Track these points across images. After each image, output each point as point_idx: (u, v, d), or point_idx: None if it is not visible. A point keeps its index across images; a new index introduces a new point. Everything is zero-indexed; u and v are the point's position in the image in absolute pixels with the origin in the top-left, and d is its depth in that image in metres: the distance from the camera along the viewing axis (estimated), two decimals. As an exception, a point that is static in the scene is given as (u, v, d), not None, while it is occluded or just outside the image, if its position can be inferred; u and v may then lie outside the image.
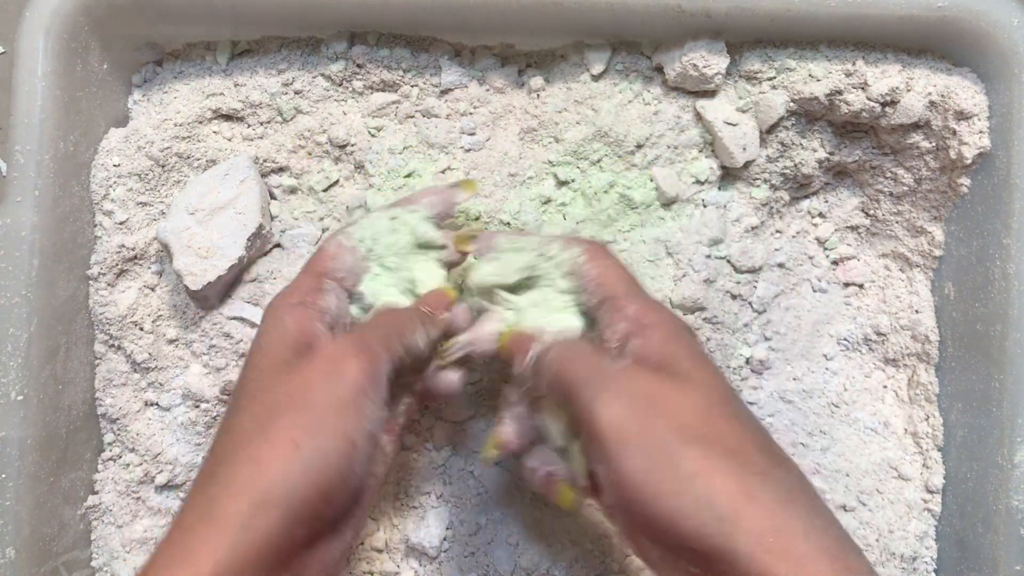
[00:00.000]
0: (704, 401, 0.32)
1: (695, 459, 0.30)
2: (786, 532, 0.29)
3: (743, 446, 0.31)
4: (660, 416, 0.31)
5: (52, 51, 0.43)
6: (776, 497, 0.30)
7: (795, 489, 0.31)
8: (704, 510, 0.29)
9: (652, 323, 0.35)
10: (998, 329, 0.44)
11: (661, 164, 0.49)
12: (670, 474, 0.30)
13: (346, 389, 0.33)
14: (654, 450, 0.30)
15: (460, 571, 0.49)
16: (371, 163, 0.49)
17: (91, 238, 0.47)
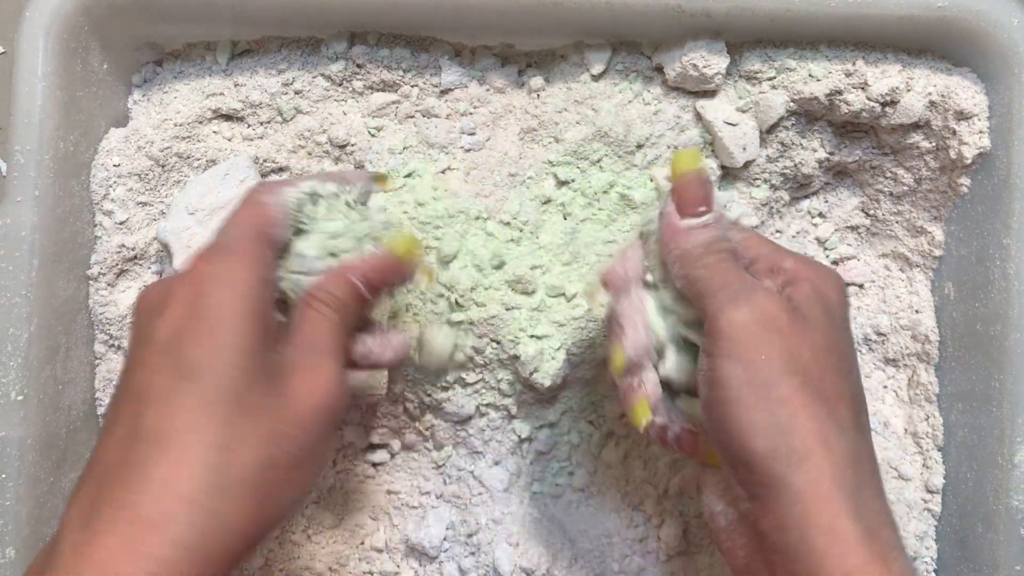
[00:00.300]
0: (822, 345, 0.33)
1: (791, 388, 0.31)
2: (840, 488, 0.30)
3: (837, 398, 0.32)
4: (777, 336, 0.32)
5: (52, 51, 0.43)
6: (846, 454, 0.31)
7: (862, 454, 0.32)
8: (779, 436, 0.30)
9: (805, 278, 0.35)
10: (998, 329, 0.44)
11: (661, 164, 0.49)
12: (763, 391, 0.31)
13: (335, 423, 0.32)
14: (757, 363, 0.31)
15: (460, 571, 0.49)
16: (371, 163, 0.49)
17: (91, 238, 0.47)
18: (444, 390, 0.48)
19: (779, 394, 0.31)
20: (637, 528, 0.50)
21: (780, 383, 0.31)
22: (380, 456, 0.51)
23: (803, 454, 0.30)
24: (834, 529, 0.29)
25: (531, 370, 0.46)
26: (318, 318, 0.34)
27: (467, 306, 0.46)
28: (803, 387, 0.31)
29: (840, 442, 0.31)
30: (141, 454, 0.28)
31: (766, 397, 0.31)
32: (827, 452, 0.30)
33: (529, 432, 0.50)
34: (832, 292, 0.35)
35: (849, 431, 0.32)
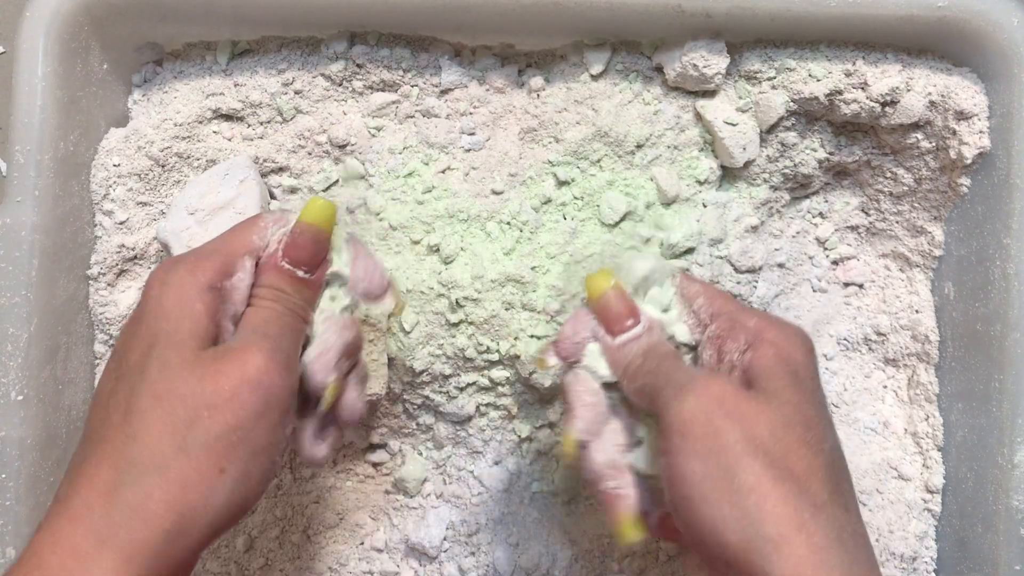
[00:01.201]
0: (781, 420, 0.31)
1: (753, 473, 0.29)
2: (826, 571, 0.28)
3: (809, 474, 0.30)
4: (730, 421, 0.30)
5: (52, 51, 0.43)
6: (826, 534, 0.29)
7: (846, 530, 0.30)
8: (749, 527, 0.29)
9: (770, 339, 0.33)
10: (998, 329, 0.44)
11: (661, 164, 0.49)
12: (724, 483, 0.29)
13: (273, 408, 0.31)
14: (713, 453, 0.30)
15: (460, 571, 0.49)
16: (371, 163, 0.49)
17: (91, 238, 0.47)
18: (444, 393, 0.48)
19: (742, 482, 0.29)
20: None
21: (741, 470, 0.29)
22: (380, 456, 0.51)
23: (778, 541, 0.28)
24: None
25: (531, 370, 0.46)
26: (253, 309, 0.34)
27: (467, 306, 0.46)
28: (767, 469, 0.29)
29: (817, 522, 0.29)
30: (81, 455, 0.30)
31: (728, 488, 0.29)
32: (803, 536, 0.28)
33: (529, 432, 0.50)
34: (798, 353, 0.33)
35: (827, 507, 0.30)
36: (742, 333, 0.34)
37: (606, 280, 0.37)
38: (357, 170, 0.49)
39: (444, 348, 0.47)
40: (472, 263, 0.47)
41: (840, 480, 0.31)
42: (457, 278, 0.46)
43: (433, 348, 0.47)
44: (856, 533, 0.30)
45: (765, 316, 0.35)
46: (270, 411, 0.31)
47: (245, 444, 0.30)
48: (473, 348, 0.47)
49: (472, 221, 0.48)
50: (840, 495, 0.31)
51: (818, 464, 0.31)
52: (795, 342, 0.34)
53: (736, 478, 0.29)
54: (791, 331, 0.34)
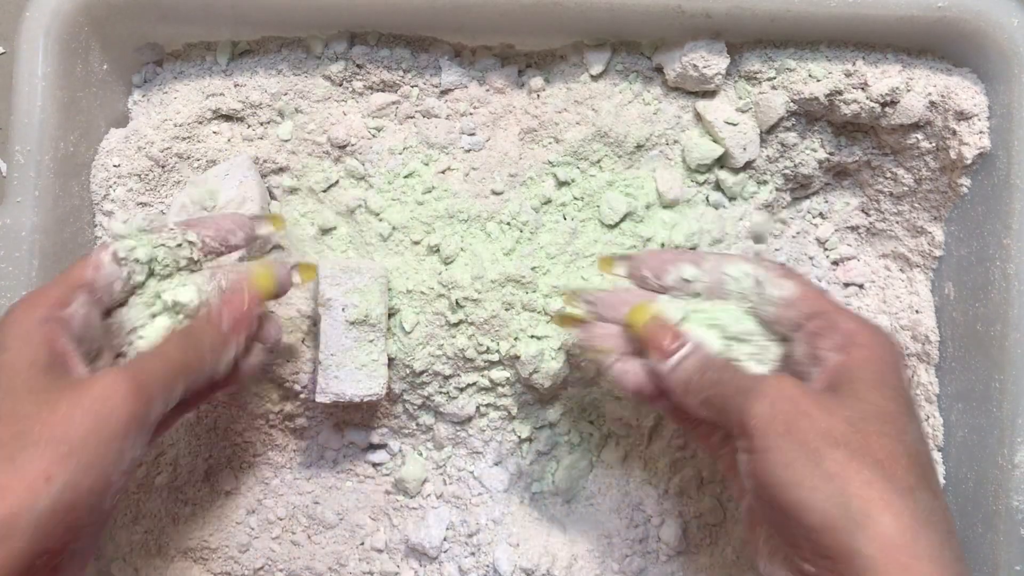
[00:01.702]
0: (858, 415, 0.32)
1: (836, 461, 0.30)
2: (915, 551, 0.29)
3: (892, 460, 0.31)
4: (807, 418, 0.32)
5: (52, 51, 0.43)
6: (914, 515, 0.30)
7: (936, 514, 0.30)
8: (836, 507, 0.29)
9: (862, 343, 0.34)
10: (998, 329, 0.44)
11: (661, 164, 0.49)
12: (808, 470, 0.30)
13: (112, 431, 0.31)
14: (796, 445, 0.31)
15: (460, 571, 0.49)
16: (371, 163, 0.49)
17: (91, 238, 0.47)
18: (444, 393, 0.48)
19: (825, 470, 0.30)
20: (637, 528, 0.50)
21: (824, 459, 0.30)
22: (380, 456, 0.51)
23: (862, 520, 0.29)
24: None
25: (531, 370, 0.46)
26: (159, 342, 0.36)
27: (467, 306, 0.46)
28: (850, 458, 0.30)
29: (906, 504, 0.30)
30: None
31: (812, 474, 0.30)
32: (891, 516, 0.29)
33: (529, 432, 0.50)
34: (888, 357, 0.34)
35: (914, 491, 0.30)
36: (837, 334, 0.35)
37: (645, 313, 0.39)
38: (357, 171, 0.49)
39: (444, 348, 0.47)
40: (472, 263, 0.47)
41: (925, 469, 0.32)
42: (457, 278, 0.46)
43: (433, 348, 0.47)
44: (945, 519, 0.31)
45: (859, 320, 0.36)
46: (103, 430, 0.31)
47: (74, 456, 0.31)
48: (473, 348, 0.47)
49: (472, 221, 0.48)
50: (927, 481, 0.31)
51: (900, 452, 0.31)
52: (886, 348, 0.35)
53: (821, 464, 0.30)
54: (883, 337, 0.35)
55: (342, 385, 0.44)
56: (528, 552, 0.49)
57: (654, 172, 0.49)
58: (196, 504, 0.50)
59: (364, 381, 0.45)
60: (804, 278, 0.38)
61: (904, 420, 0.33)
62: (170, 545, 0.50)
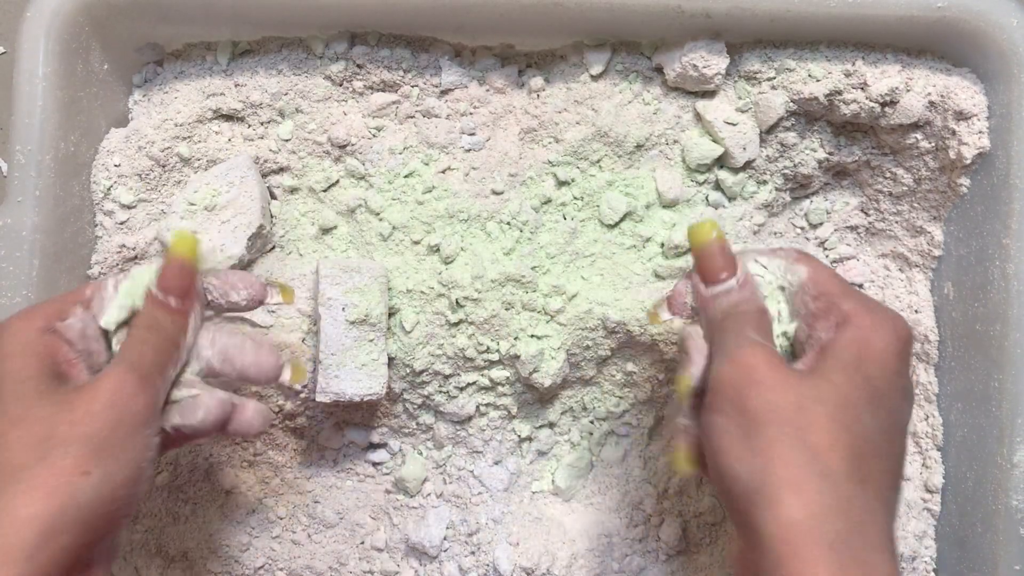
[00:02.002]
0: (813, 395, 0.32)
1: (766, 437, 0.31)
2: (816, 537, 0.29)
3: (828, 447, 0.31)
4: (756, 388, 0.32)
5: (53, 51, 0.43)
6: (825, 501, 0.30)
7: (855, 505, 0.30)
8: (752, 482, 0.31)
9: (855, 324, 0.34)
10: (998, 329, 0.44)
11: (661, 164, 0.49)
12: (739, 440, 0.32)
13: (133, 422, 0.33)
14: (738, 413, 0.32)
15: (460, 571, 0.49)
16: (371, 163, 0.49)
17: (91, 238, 0.48)
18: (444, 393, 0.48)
19: (755, 444, 0.31)
20: (637, 528, 0.50)
21: (756, 431, 0.31)
22: (380, 456, 0.51)
23: (772, 500, 0.30)
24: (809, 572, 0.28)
25: (531, 370, 0.46)
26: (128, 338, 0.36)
27: (467, 306, 0.46)
28: (781, 435, 0.31)
29: (820, 489, 0.30)
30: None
31: (743, 445, 0.32)
32: (798, 499, 0.30)
33: (529, 432, 0.50)
34: (878, 342, 0.34)
35: (838, 480, 0.30)
36: (834, 315, 0.35)
37: (709, 231, 0.38)
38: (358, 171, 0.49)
39: (444, 348, 0.47)
40: (472, 263, 0.47)
41: (866, 461, 0.32)
42: (457, 278, 0.46)
43: (433, 348, 0.47)
44: (870, 511, 0.31)
45: (863, 301, 0.35)
46: (125, 421, 0.33)
47: (105, 450, 0.32)
48: (473, 348, 0.47)
49: (472, 221, 0.48)
50: (860, 473, 0.31)
51: (841, 440, 0.31)
52: (880, 332, 0.34)
53: (751, 437, 0.31)
54: (882, 319, 0.34)
55: (342, 384, 0.44)
56: (528, 551, 0.49)
57: (654, 172, 0.49)
58: (196, 503, 0.50)
59: (364, 380, 0.45)
60: (817, 261, 0.38)
61: (861, 408, 0.32)
62: (170, 545, 0.50)
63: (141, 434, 0.33)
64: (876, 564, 0.29)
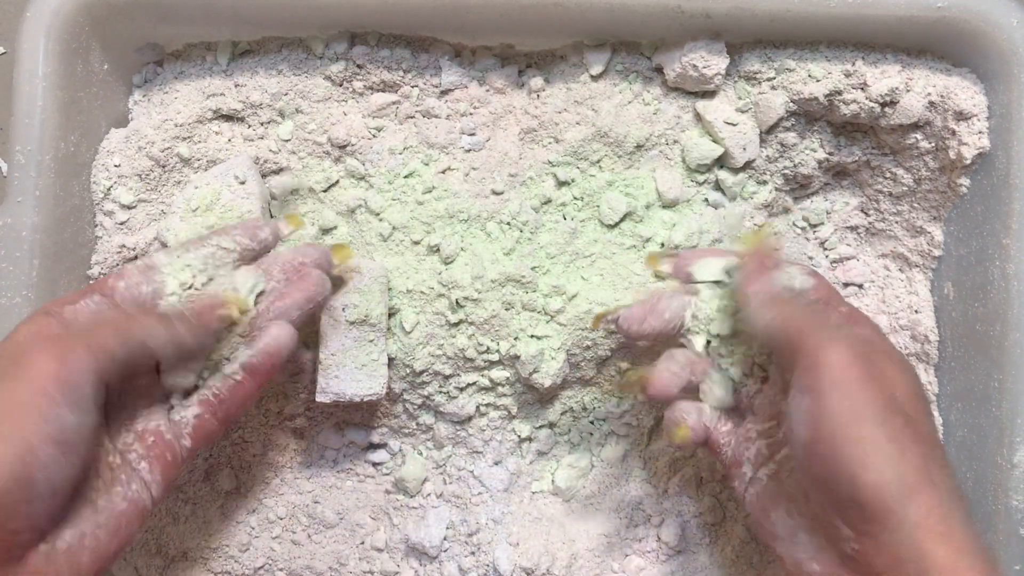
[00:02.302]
0: (912, 390, 0.34)
1: (897, 427, 0.31)
2: (953, 523, 0.30)
3: (933, 440, 0.33)
4: (878, 377, 0.33)
5: (53, 52, 0.43)
6: (950, 491, 0.31)
7: (958, 492, 0.32)
8: (890, 471, 0.31)
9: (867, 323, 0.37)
10: (998, 329, 0.44)
11: (661, 164, 0.49)
12: (872, 428, 0.31)
13: (24, 389, 0.30)
14: (863, 400, 0.32)
15: (460, 571, 0.49)
16: (371, 163, 0.49)
17: (91, 238, 0.48)
18: (445, 393, 0.48)
19: (887, 432, 0.31)
20: (637, 528, 0.50)
21: (887, 420, 0.31)
22: (380, 456, 0.51)
23: (914, 488, 0.30)
24: (951, 563, 0.29)
25: (531, 370, 0.46)
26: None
27: (467, 306, 0.46)
28: (906, 425, 0.32)
29: (943, 478, 0.31)
30: None
31: (875, 433, 0.31)
32: (933, 487, 0.31)
33: (529, 432, 0.50)
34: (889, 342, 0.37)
35: (946, 469, 0.32)
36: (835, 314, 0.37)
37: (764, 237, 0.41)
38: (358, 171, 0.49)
39: (444, 348, 0.47)
40: (472, 263, 0.47)
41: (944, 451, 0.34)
42: (457, 278, 0.46)
43: (433, 348, 0.47)
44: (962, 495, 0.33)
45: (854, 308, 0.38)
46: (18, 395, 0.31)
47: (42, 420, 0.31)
48: (473, 348, 0.47)
49: (472, 221, 0.48)
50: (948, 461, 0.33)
51: (933, 432, 0.34)
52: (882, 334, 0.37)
53: (883, 426, 0.31)
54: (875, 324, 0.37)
55: (342, 385, 0.44)
56: (528, 552, 0.49)
57: (654, 172, 0.49)
58: (196, 504, 0.50)
59: (364, 381, 0.45)
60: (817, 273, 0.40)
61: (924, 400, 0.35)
62: (170, 545, 0.50)
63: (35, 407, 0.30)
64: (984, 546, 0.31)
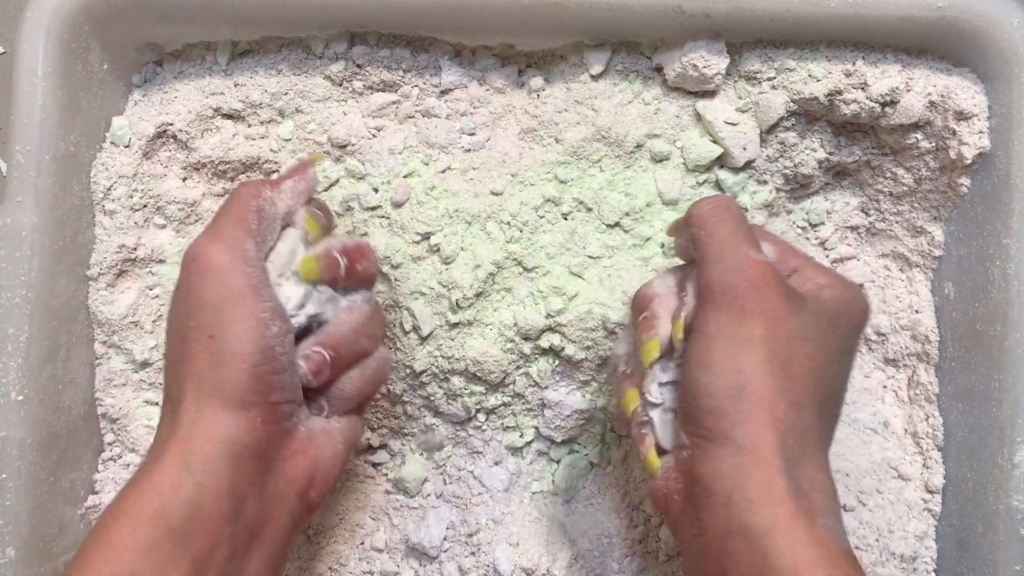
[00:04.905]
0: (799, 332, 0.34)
1: (752, 361, 0.33)
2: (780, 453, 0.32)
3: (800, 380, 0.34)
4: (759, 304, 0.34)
5: (52, 51, 0.43)
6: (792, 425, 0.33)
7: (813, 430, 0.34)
8: (730, 397, 0.33)
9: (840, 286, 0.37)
10: (998, 329, 0.44)
11: (661, 164, 0.49)
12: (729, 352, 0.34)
13: (223, 279, 0.35)
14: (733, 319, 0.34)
15: (460, 571, 0.49)
16: (371, 163, 0.49)
17: (91, 238, 0.47)
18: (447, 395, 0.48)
19: (747, 360, 0.33)
20: (637, 528, 0.50)
21: (745, 349, 0.33)
22: (380, 456, 0.51)
23: (750, 416, 0.33)
24: (768, 484, 0.32)
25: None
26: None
27: (467, 306, 0.46)
28: (764, 361, 0.33)
29: (788, 414, 0.33)
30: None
31: (730, 359, 0.33)
32: (771, 419, 0.33)
33: (530, 432, 0.50)
34: (857, 308, 0.37)
35: (804, 409, 0.33)
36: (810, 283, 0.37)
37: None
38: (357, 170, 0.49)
39: (444, 349, 0.47)
40: (472, 264, 0.47)
41: (826, 401, 0.35)
42: (457, 278, 0.46)
43: (433, 348, 0.47)
44: (822, 438, 0.35)
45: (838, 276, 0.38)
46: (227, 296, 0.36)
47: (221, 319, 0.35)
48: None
49: (472, 221, 0.48)
50: (820, 410, 0.35)
51: (814, 378, 0.34)
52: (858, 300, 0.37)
53: (739, 356, 0.33)
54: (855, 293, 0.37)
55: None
56: (528, 552, 0.49)
57: (654, 172, 0.49)
58: (196, 504, 0.50)
59: None
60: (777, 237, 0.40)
61: (832, 356, 0.35)
62: (170, 545, 0.50)
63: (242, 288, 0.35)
64: (821, 480, 0.33)
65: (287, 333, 0.36)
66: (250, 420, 0.34)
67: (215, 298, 0.35)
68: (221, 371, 0.34)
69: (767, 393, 0.33)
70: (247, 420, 0.34)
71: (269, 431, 0.35)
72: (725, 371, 0.33)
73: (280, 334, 0.35)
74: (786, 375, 0.33)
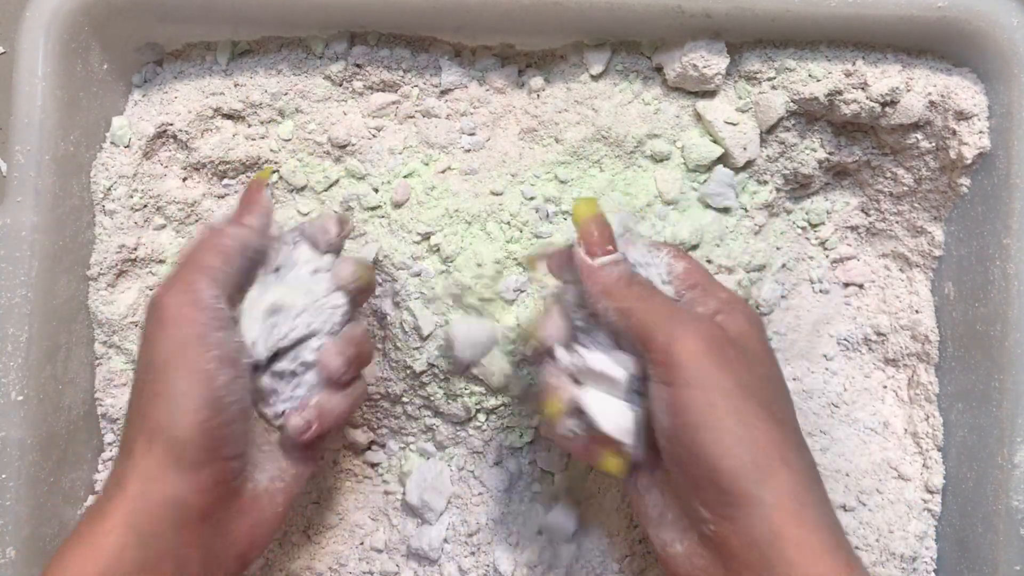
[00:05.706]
0: (763, 372, 0.35)
1: (750, 411, 0.33)
2: (807, 502, 0.32)
3: (787, 421, 0.35)
4: (728, 364, 0.34)
5: (52, 51, 0.43)
6: (805, 470, 0.33)
7: (814, 470, 0.34)
8: (746, 454, 0.32)
9: (740, 309, 0.37)
10: (998, 329, 0.44)
11: (661, 164, 0.49)
12: (728, 414, 0.33)
13: (175, 327, 0.35)
14: (717, 388, 0.33)
15: (460, 571, 0.49)
16: (371, 163, 0.49)
17: (91, 238, 0.47)
18: (450, 395, 0.48)
19: (742, 417, 0.33)
20: (637, 528, 0.50)
21: (742, 406, 0.33)
22: (380, 456, 0.51)
23: (768, 471, 0.32)
24: (803, 541, 0.31)
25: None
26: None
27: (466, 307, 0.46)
28: (760, 409, 0.33)
29: (798, 460, 0.33)
30: None
31: (730, 419, 0.33)
32: (788, 469, 0.32)
33: (530, 432, 0.50)
34: (757, 326, 0.38)
35: (803, 450, 0.34)
36: (713, 300, 0.37)
37: (592, 208, 0.39)
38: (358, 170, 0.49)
39: (444, 349, 0.47)
40: (473, 263, 0.47)
41: (792, 407, 0.36)
42: (457, 278, 0.46)
43: (433, 348, 0.47)
44: (819, 477, 0.35)
45: (732, 292, 0.39)
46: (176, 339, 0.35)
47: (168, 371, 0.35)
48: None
49: (472, 221, 0.48)
50: (804, 441, 0.35)
51: (789, 415, 0.36)
52: (754, 318, 0.38)
53: (738, 413, 0.33)
54: (750, 308, 0.38)
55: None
56: (528, 552, 0.48)
57: (654, 172, 0.49)
58: (196, 504, 0.50)
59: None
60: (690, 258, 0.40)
61: (785, 387, 0.37)
62: (170, 545, 0.50)
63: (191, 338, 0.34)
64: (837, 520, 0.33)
65: (236, 379, 0.35)
66: (200, 482, 0.34)
67: (163, 353, 0.35)
68: (171, 430, 0.34)
69: (776, 442, 0.33)
70: (197, 483, 0.34)
71: (218, 493, 0.35)
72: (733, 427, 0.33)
73: (227, 383, 0.35)
74: (777, 419, 0.34)
